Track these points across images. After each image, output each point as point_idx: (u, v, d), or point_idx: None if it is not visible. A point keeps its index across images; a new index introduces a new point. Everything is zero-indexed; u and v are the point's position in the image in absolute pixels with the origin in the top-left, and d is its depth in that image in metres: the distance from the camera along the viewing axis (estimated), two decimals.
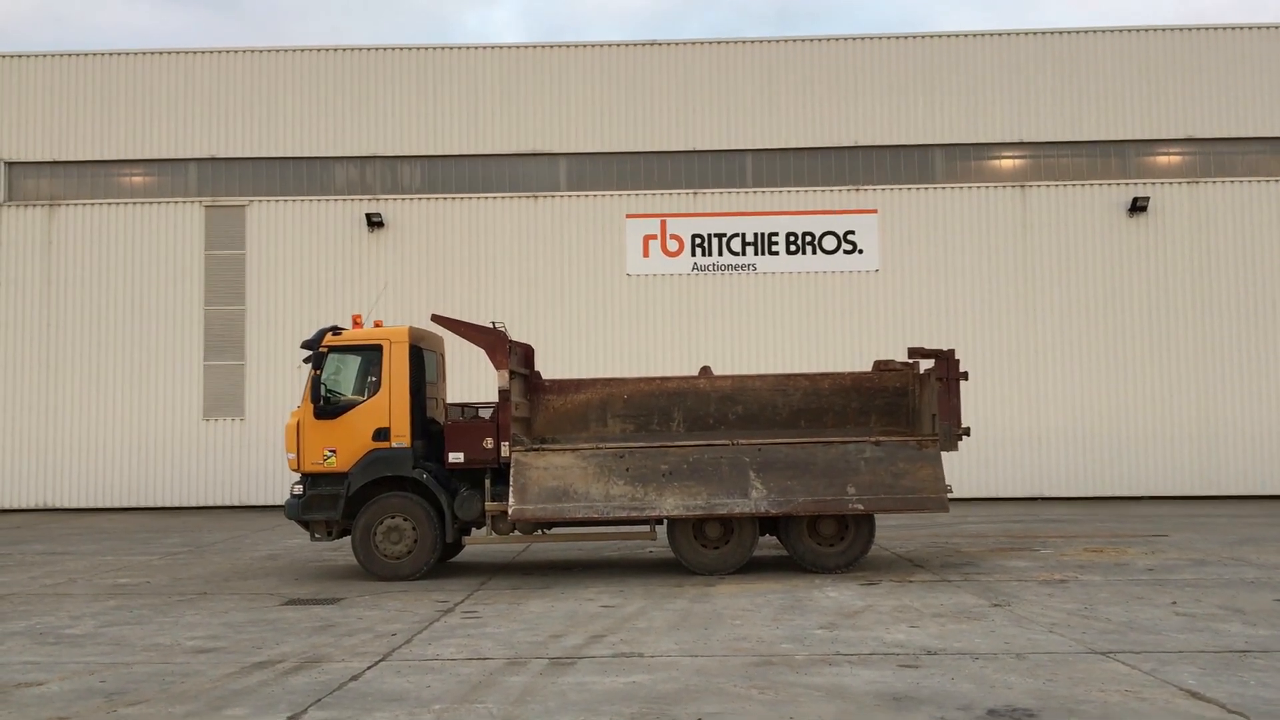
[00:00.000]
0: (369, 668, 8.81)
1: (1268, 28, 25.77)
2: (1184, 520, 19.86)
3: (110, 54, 26.37)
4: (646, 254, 25.64)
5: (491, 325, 14.26)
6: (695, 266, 25.53)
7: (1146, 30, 25.84)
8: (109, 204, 25.95)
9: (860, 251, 25.37)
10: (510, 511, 13.38)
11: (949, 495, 13.70)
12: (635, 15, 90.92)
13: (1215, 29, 25.81)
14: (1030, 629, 9.95)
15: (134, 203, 25.98)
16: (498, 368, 13.83)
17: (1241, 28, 25.82)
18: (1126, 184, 25.35)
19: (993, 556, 15.09)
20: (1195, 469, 24.71)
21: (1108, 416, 24.82)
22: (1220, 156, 25.61)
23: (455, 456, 13.87)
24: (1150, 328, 24.99)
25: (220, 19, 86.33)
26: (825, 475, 13.40)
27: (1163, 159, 25.74)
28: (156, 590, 13.28)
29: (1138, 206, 25.01)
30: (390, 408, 13.86)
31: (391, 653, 9.38)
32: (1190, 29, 25.82)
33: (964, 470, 22.49)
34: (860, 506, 13.38)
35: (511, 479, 13.44)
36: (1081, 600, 11.44)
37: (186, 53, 26.34)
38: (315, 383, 13.87)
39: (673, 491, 13.40)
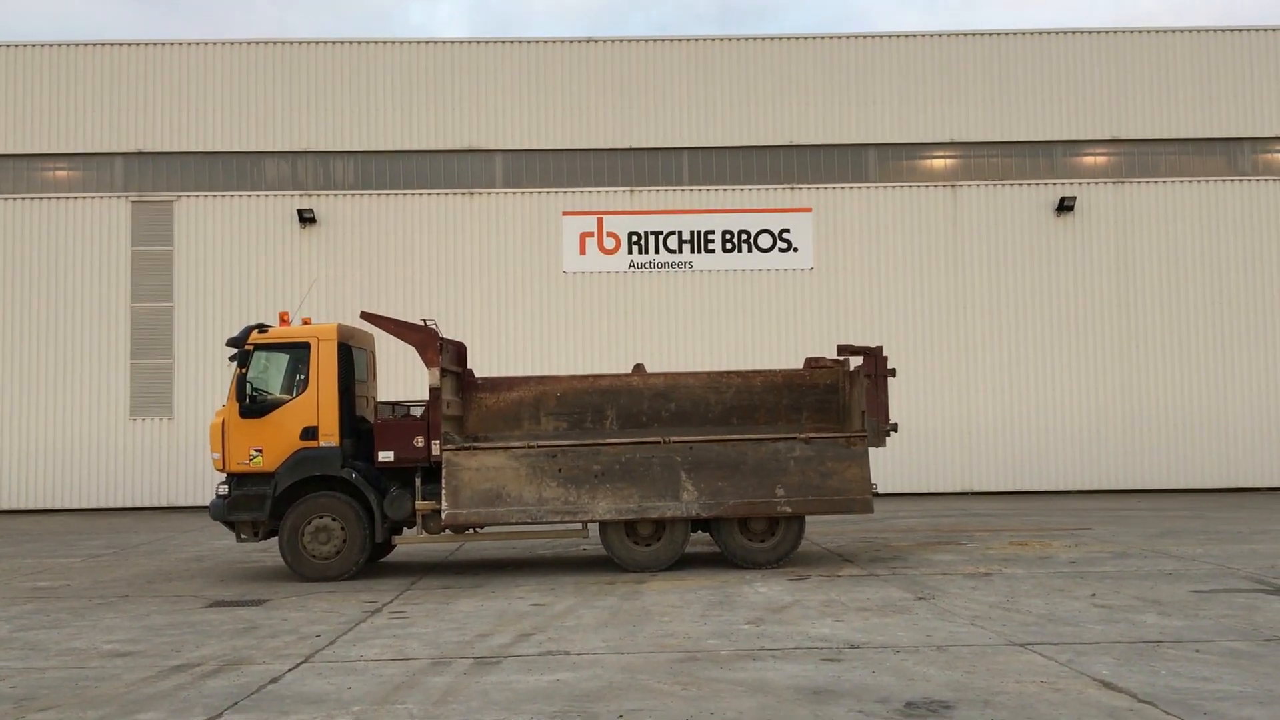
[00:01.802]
0: (290, 670, 8.69)
1: (1190, 31, 26.39)
2: (1108, 514, 20.29)
3: (33, 45, 25.72)
4: (583, 251, 25.61)
5: (423, 322, 14.15)
6: (632, 264, 25.55)
7: (1073, 33, 26.35)
8: (32, 198, 25.33)
9: (795, 250, 25.57)
10: (443, 515, 13.31)
11: (876, 493, 13.88)
12: (579, 10, 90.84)
13: (1139, 32, 26.38)
14: (953, 622, 10.09)
15: (58, 197, 25.39)
16: (429, 365, 13.73)
17: (1165, 31, 26.41)
18: (1054, 184, 25.83)
19: (920, 551, 15.29)
20: (1120, 463, 25.26)
21: (1036, 412, 25.28)
22: (1144, 157, 26.18)
23: (385, 455, 13.75)
24: (1077, 325, 25.50)
25: (157, 11, 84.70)
26: (755, 475, 13.51)
27: (1089, 159, 26.26)
28: (76, 593, 12.99)
29: (1065, 206, 25.49)
30: (318, 406, 13.68)
31: (314, 654, 9.26)
32: (1115, 32, 26.37)
33: (895, 466, 22.84)
34: (789, 509, 13.55)
35: (444, 480, 13.35)
36: (1004, 593, 11.63)
37: (113, 44, 25.79)
38: (241, 381, 13.65)
39: (605, 494, 13.42)
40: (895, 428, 14.18)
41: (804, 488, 13.52)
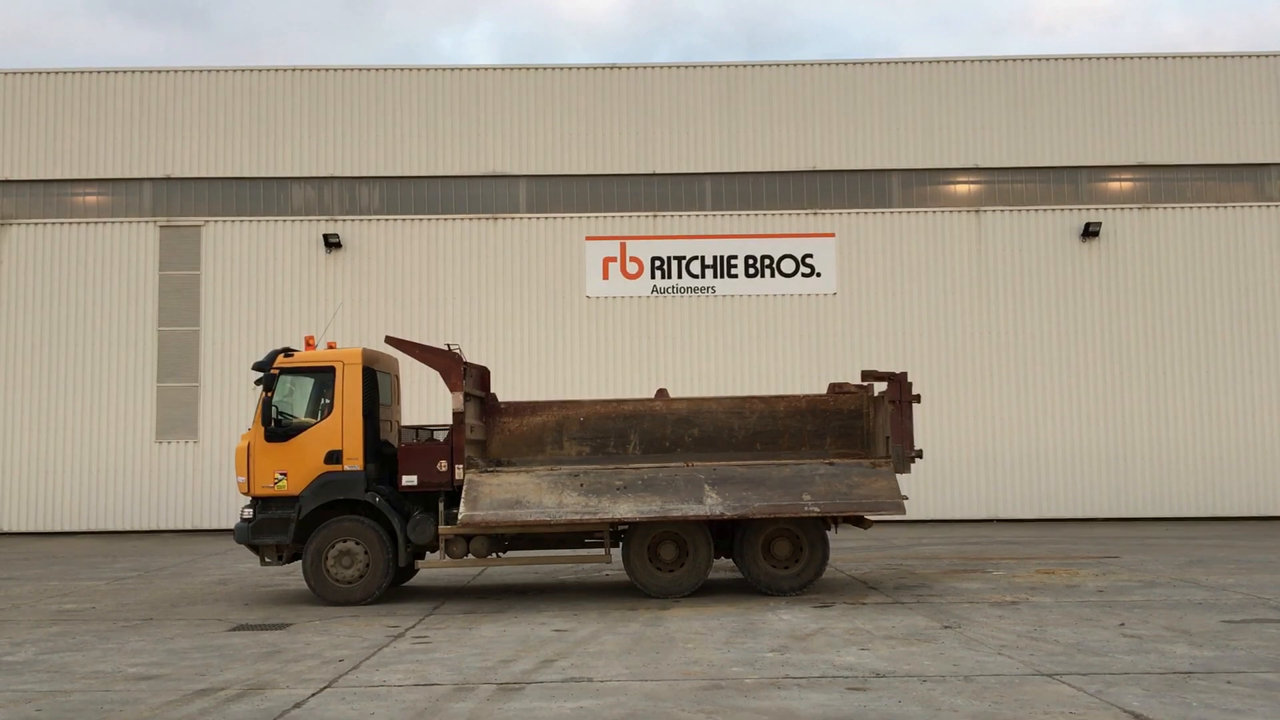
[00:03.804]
0: (313, 695, 8.69)
1: (1216, 57, 26.28)
2: (1135, 542, 20.07)
3: (63, 72, 26.08)
4: (606, 276, 25.66)
5: (447, 347, 14.19)
6: (655, 289, 25.57)
7: (1099, 58, 26.29)
8: (61, 223, 25.63)
9: (818, 274, 25.54)
10: (460, 518, 13.24)
11: (906, 502, 13.70)
12: (607, 37, 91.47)
13: (1165, 58, 26.29)
14: (980, 651, 9.99)
15: (87, 222, 25.67)
16: (452, 390, 13.75)
17: (1191, 56, 26.31)
18: (1079, 209, 25.71)
19: (946, 578, 15.16)
20: (1147, 491, 24.99)
21: (1061, 438, 25.07)
22: (1171, 183, 26.04)
23: (409, 479, 13.76)
24: (1103, 351, 25.31)
25: (191, 39, 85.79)
26: (781, 487, 13.47)
27: (1115, 185, 26.14)
28: (101, 616, 13.04)
29: (1090, 231, 25.37)
30: (343, 430, 13.73)
31: (338, 679, 9.26)
32: (1141, 57, 26.29)
33: (919, 492, 22.68)
34: (816, 509, 13.37)
35: (464, 493, 13.36)
36: (1032, 622, 11.51)
37: (141, 71, 26.12)
38: (266, 405, 13.72)
39: (627, 499, 13.36)
40: (920, 454, 14.09)
41: (831, 494, 13.44)
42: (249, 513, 13.75)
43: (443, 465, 13.68)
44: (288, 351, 14.18)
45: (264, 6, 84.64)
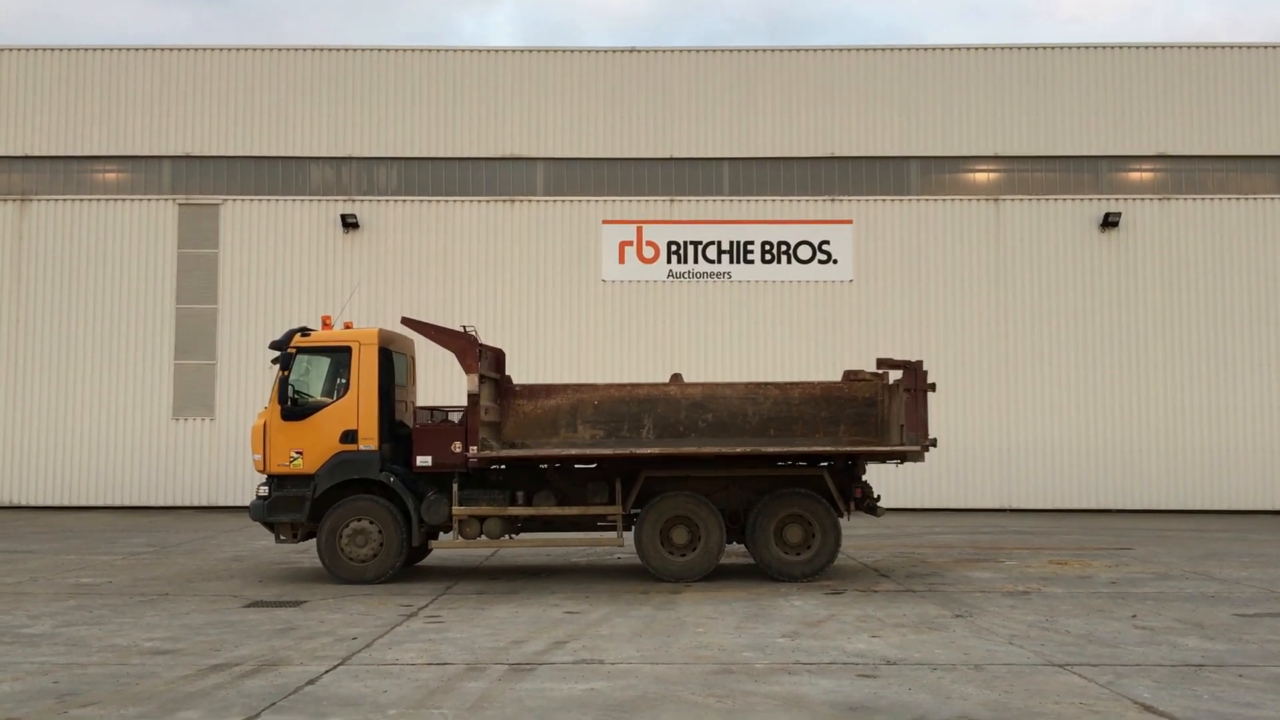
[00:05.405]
0: (327, 671, 8.76)
1: (1239, 47, 26.03)
2: (1150, 534, 20.02)
3: (85, 49, 26.17)
4: (622, 260, 25.65)
5: (462, 329, 14.23)
6: (671, 274, 25.55)
7: (1120, 48, 26.08)
8: (81, 200, 25.75)
9: (835, 262, 25.47)
10: (471, 462, 13.51)
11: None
12: (629, 20, 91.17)
13: (1188, 48, 26.07)
14: (990, 640, 10.00)
15: (107, 199, 25.79)
16: (467, 372, 13.78)
17: (1214, 47, 26.08)
18: (1099, 199, 25.56)
19: (958, 567, 15.16)
20: (1162, 483, 24.90)
21: (1077, 429, 24.99)
22: (1191, 174, 25.84)
23: (423, 460, 13.84)
24: (1120, 342, 25.19)
25: (214, 17, 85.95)
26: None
27: (1135, 175, 25.96)
28: (118, 590, 13.16)
29: (1109, 222, 25.21)
30: (358, 410, 13.80)
31: (351, 657, 9.33)
32: (1163, 47, 26.07)
33: (933, 480, 22.74)
34: (828, 448, 14.01)
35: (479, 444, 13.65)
36: (1043, 612, 11.51)
37: (162, 49, 26.19)
38: (283, 384, 13.81)
39: (642, 445, 14.04)
40: (934, 443, 14.07)
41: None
42: (264, 490, 13.86)
43: (457, 446, 13.74)
44: (305, 331, 14.25)
45: None
